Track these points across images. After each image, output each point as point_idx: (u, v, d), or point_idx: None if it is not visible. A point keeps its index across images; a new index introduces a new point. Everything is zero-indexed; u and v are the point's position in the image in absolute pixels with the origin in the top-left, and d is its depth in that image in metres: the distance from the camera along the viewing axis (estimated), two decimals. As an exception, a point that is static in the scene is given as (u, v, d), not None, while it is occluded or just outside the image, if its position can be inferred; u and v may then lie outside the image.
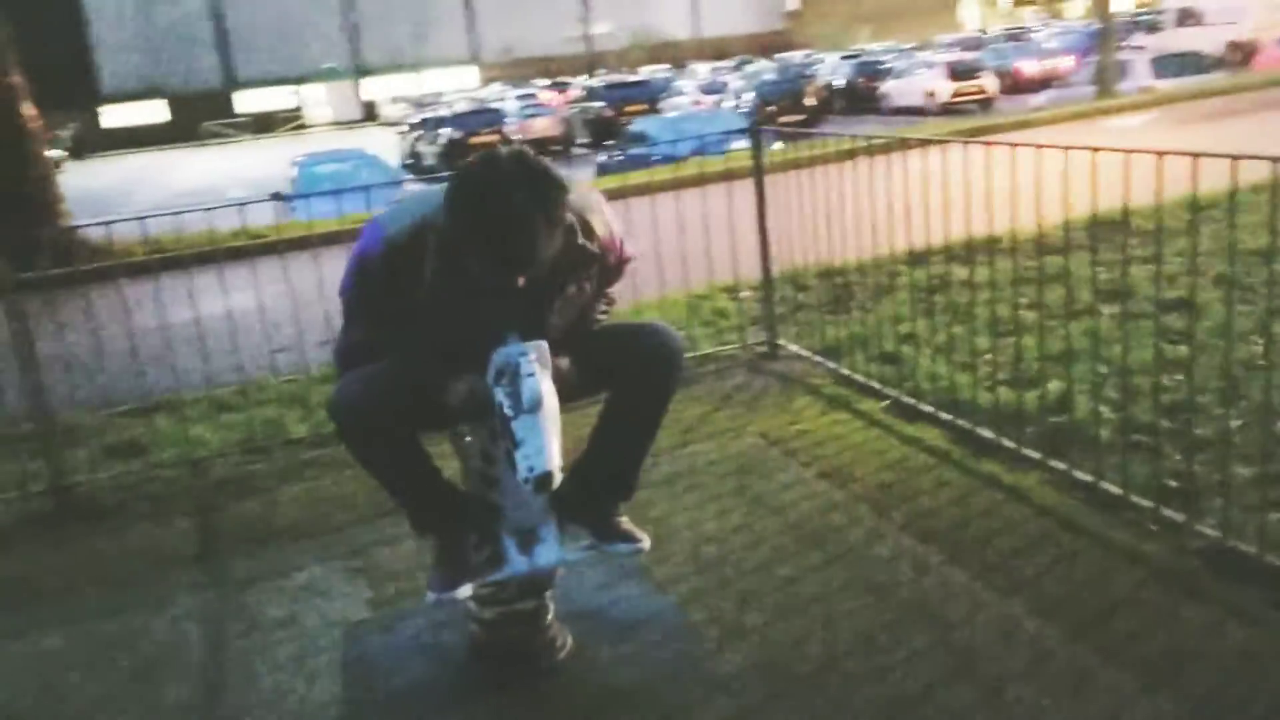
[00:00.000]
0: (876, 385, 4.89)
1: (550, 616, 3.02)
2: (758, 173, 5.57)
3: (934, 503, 3.74)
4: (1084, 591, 3.10)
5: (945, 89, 25.88)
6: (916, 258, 5.57)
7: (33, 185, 11.76)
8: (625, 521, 2.87)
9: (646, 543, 2.86)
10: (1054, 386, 4.35)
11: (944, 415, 4.42)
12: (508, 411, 2.38)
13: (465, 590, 2.71)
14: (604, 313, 2.90)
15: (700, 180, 8.20)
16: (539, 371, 2.41)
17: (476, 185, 2.26)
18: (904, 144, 5.06)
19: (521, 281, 2.33)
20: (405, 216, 2.46)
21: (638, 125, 20.94)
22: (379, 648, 3.19)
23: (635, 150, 18.41)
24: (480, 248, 2.27)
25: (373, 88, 59.10)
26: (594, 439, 2.81)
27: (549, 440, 2.38)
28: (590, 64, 53.05)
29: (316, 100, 58.87)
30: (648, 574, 3.45)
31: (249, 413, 5.33)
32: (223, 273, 5.37)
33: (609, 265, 2.70)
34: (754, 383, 5.28)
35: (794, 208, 5.44)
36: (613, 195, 4.32)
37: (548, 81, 47.12)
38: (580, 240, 2.54)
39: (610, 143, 24.11)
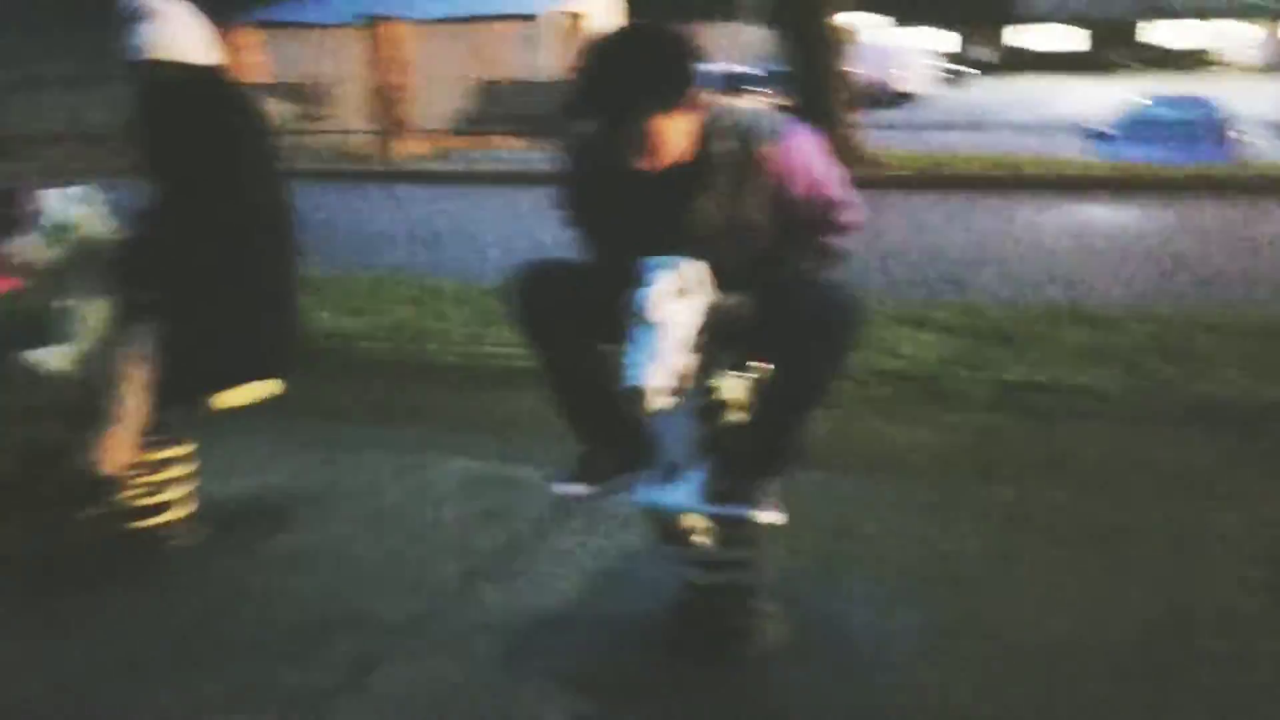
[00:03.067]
0: None
1: (762, 598, 2.91)
2: None
3: None
4: None
5: None
6: None
7: (828, 92, 13.14)
8: (769, 491, 2.65)
9: (779, 518, 2.66)
10: None
11: None
12: (631, 319, 2.36)
13: (580, 490, 2.72)
14: (813, 267, 2.68)
15: None
16: (667, 285, 2.34)
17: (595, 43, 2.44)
18: None
19: (639, 159, 2.40)
20: None
21: None
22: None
23: None
24: (578, 92, 2.40)
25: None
26: (757, 399, 2.69)
27: (657, 357, 2.32)
28: None
29: (1231, 38, 54.51)
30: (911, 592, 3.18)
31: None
32: (975, 200, 5.44)
33: (803, 205, 2.57)
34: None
35: None
36: None
37: None
38: (717, 143, 2.47)
39: None
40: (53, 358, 3.51)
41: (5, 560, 3.51)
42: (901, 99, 32.40)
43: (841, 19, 13.64)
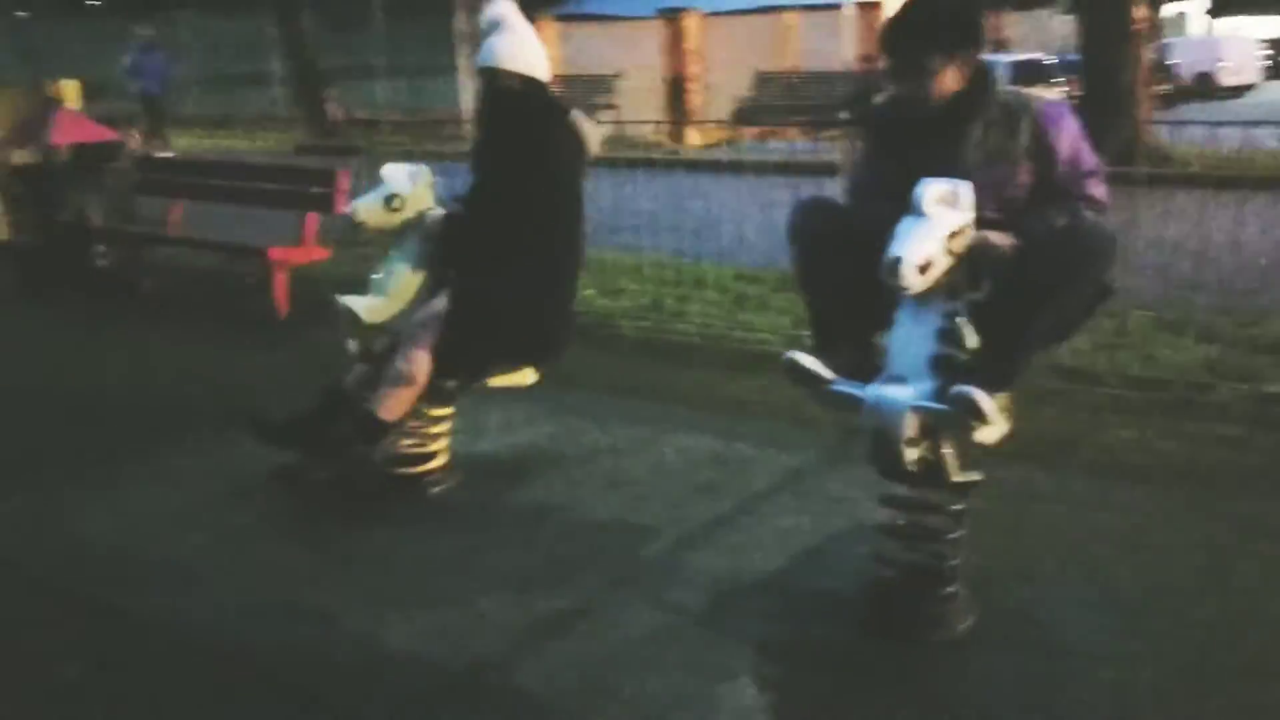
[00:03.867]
0: None
1: (955, 587, 2.99)
2: None
3: None
4: None
5: None
6: None
7: (1125, 84, 12.48)
8: (989, 400, 2.66)
9: (996, 431, 2.81)
10: None
11: None
12: (911, 207, 2.69)
13: (810, 361, 2.88)
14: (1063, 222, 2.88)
15: None
16: (941, 191, 2.69)
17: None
18: None
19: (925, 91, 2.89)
20: None
21: None
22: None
23: None
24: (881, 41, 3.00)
25: None
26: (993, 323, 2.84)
27: (922, 237, 2.63)
28: None
29: None
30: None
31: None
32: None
33: (1061, 165, 2.92)
34: None
35: None
36: None
37: None
38: (990, 88, 2.94)
39: None
40: (364, 307, 4.04)
41: (299, 485, 4.06)
42: (1231, 92, 30.05)
43: (1168, 9, 12.98)
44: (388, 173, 4.09)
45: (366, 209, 4.06)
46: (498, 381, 4.11)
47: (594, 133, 4.06)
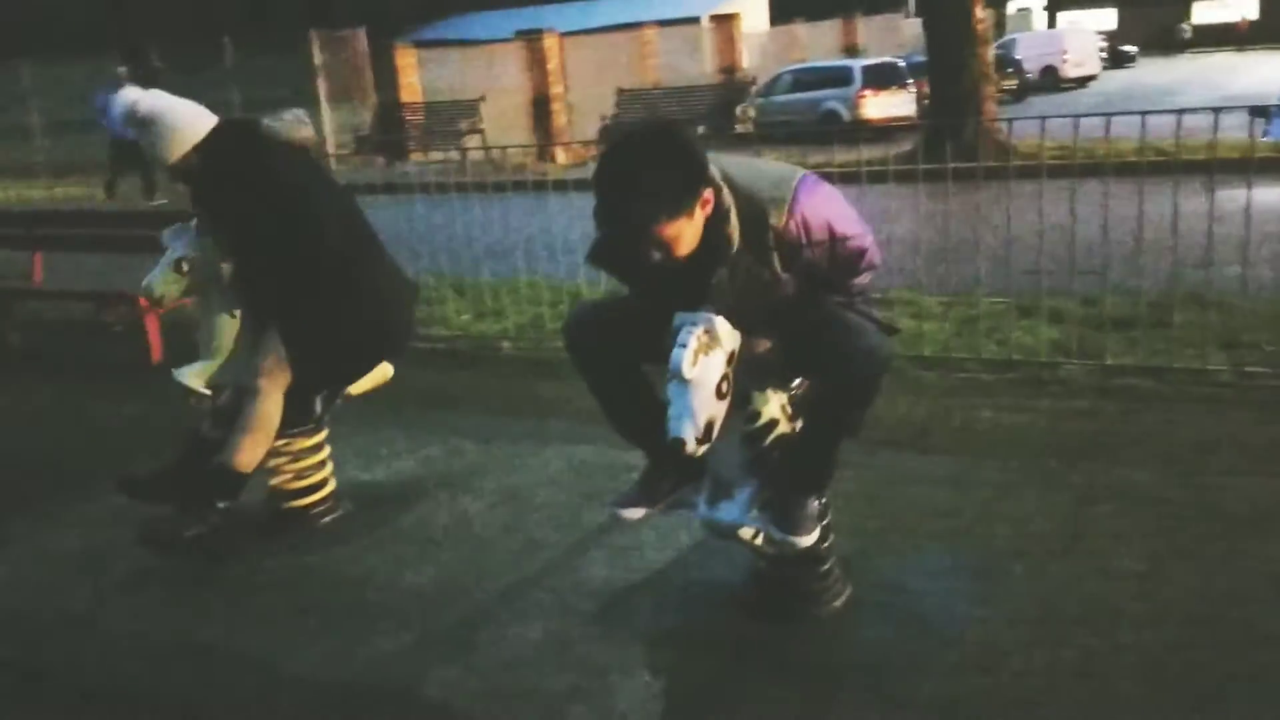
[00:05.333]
0: None
1: (831, 564, 3.19)
2: None
3: None
4: None
5: None
6: None
7: (965, 83, 13.09)
8: (806, 513, 2.91)
9: (805, 542, 2.92)
10: None
11: None
12: (668, 373, 2.62)
13: (637, 514, 3.07)
14: (847, 304, 2.85)
15: None
16: (698, 343, 2.57)
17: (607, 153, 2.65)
18: None
19: (657, 257, 2.59)
20: None
21: None
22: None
23: None
24: (596, 208, 2.62)
25: None
26: (799, 426, 2.97)
27: (693, 409, 2.57)
28: None
29: None
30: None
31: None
32: (1115, 186, 5.09)
33: (823, 256, 2.73)
34: None
35: None
36: None
37: None
38: (728, 229, 2.63)
39: None
40: (196, 374, 4.00)
41: (169, 547, 3.94)
42: (1076, 83, 31.50)
43: (1012, 5, 13.65)
44: (168, 239, 3.98)
45: (161, 282, 3.95)
46: (359, 388, 4.15)
47: (295, 124, 3.95)
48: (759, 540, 2.99)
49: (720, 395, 2.66)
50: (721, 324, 2.63)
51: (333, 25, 20.75)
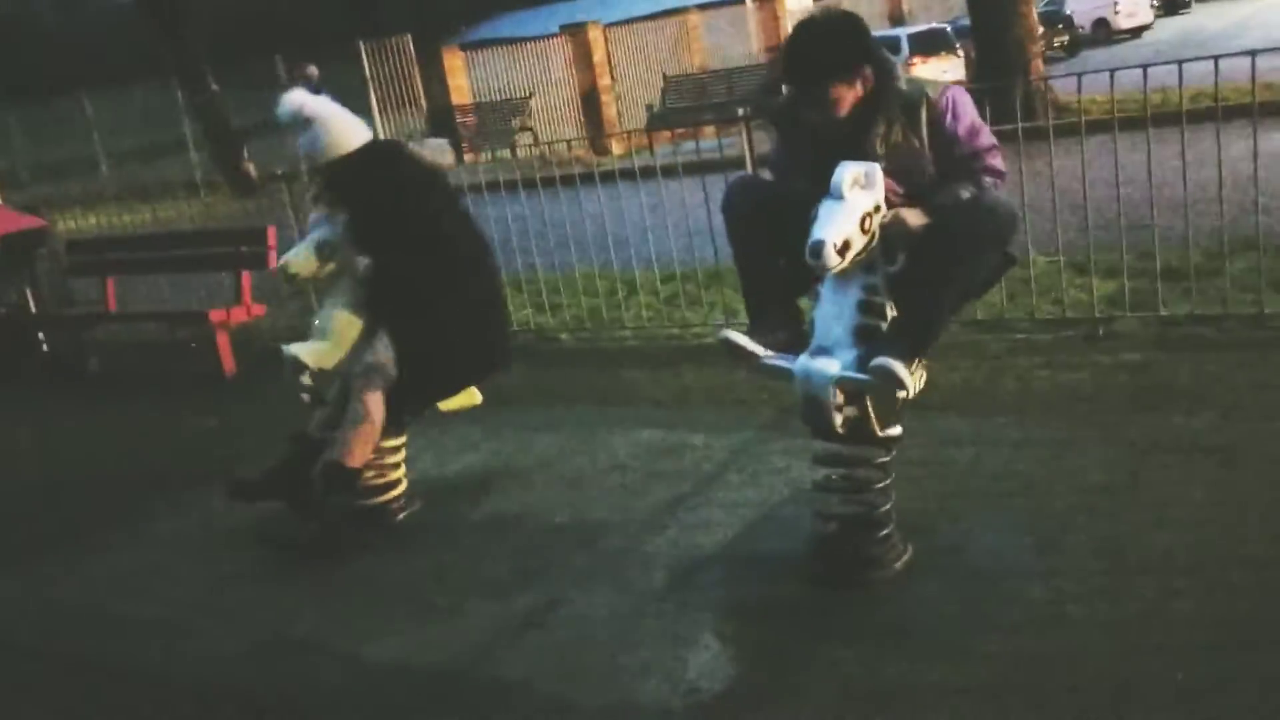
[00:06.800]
0: None
1: (891, 529, 3.27)
2: None
3: None
4: None
5: None
6: None
7: (1012, 43, 12.94)
8: (904, 369, 2.95)
9: (906, 392, 3.01)
10: None
11: None
12: (826, 195, 2.93)
13: (741, 339, 3.19)
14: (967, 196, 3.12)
15: None
16: (855, 175, 2.92)
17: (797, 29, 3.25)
18: None
19: (823, 112, 3.12)
20: None
21: None
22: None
23: None
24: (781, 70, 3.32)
25: None
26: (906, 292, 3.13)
27: (839, 223, 2.88)
28: None
29: None
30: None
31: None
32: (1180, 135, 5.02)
33: (951, 142, 3.15)
34: None
35: None
36: None
37: None
38: (887, 98, 3.14)
39: None
40: (309, 352, 4.17)
41: (276, 540, 4.18)
42: (1129, 34, 30.80)
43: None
44: (315, 223, 4.26)
45: (299, 261, 4.21)
46: (448, 405, 4.32)
47: (438, 152, 4.32)
48: (843, 409, 3.08)
49: (864, 230, 2.96)
50: (877, 172, 3.00)
51: (379, 34, 21.01)
